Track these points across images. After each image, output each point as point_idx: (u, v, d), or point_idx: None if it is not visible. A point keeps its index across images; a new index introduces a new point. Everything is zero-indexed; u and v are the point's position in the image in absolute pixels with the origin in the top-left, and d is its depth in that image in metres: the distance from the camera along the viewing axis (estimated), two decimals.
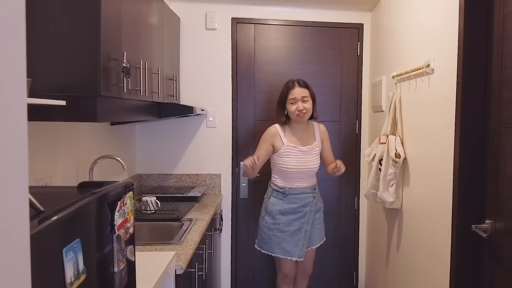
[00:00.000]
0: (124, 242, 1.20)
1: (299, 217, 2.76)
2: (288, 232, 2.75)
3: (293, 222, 2.75)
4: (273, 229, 2.76)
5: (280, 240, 2.75)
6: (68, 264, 0.87)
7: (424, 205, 2.39)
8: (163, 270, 1.65)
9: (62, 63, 1.56)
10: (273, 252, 2.78)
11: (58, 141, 2.06)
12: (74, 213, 0.93)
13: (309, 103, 2.73)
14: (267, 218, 2.79)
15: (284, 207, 2.76)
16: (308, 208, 2.78)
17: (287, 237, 2.75)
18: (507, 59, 1.78)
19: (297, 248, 2.75)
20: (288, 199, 2.76)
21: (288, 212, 2.76)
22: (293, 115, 2.72)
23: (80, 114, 1.59)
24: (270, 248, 2.79)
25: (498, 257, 1.83)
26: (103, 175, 2.57)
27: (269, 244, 2.79)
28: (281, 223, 2.75)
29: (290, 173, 2.75)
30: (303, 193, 2.78)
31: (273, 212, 2.77)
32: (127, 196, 1.20)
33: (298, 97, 2.70)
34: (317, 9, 3.47)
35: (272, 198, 2.80)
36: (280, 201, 2.77)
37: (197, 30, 3.39)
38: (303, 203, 2.77)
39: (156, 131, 3.41)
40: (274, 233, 2.76)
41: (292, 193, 2.76)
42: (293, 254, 2.75)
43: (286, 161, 2.74)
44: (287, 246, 2.74)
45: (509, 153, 1.76)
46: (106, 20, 1.61)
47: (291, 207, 2.76)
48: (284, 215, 2.75)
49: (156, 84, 2.39)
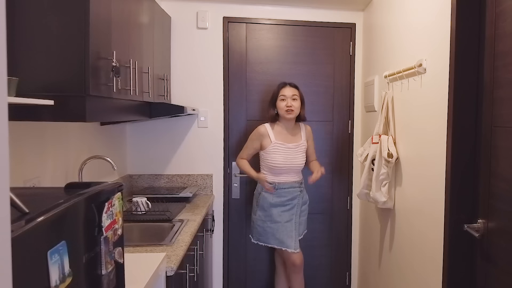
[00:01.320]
0: (112, 244, 1.18)
1: (288, 209, 2.96)
2: (281, 223, 2.93)
3: (283, 213, 2.94)
4: (266, 221, 2.96)
5: (274, 230, 2.93)
6: (53, 267, 0.85)
7: (417, 205, 2.38)
8: (154, 271, 1.63)
9: (50, 62, 1.53)
10: (269, 243, 2.96)
11: (46, 141, 2.03)
12: (60, 214, 0.91)
13: (297, 103, 2.94)
14: (260, 212, 2.99)
15: (274, 200, 2.95)
16: (296, 201, 2.99)
17: (280, 227, 2.92)
18: (499, 58, 1.78)
19: (291, 239, 2.92)
20: (277, 193, 2.96)
21: (278, 204, 2.95)
22: (282, 111, 2.93)
23: (68, 114, 1.57)
24: (266, 239, 2.97)
25: (491, 256, 1.83)
26: (93, 176, 2.54)
27: (264, 236, 2.97)
28: (273, 214, 2.94)
29: (278, 169, 2.95)
30: (291, 187, 2.98)
31: (265, 205, 2.96)
32: (115, 197, 1.18)
33: (288, 95, 2.93)
34: (309, 9, 3.46)
35: (263, 192, 2.99)
36: (270, 195, 2.96)
37: (188, 29, 3.36)
38: (291, 196, 2.97)
39: (147, 131, 3.39)
40: (268, 225, 2.95)
41: (281, 188, 2.96)
42: (289, 245, 2.91)
43: (274, 157, 2.94)
44: (281, 236, 2.91)
45: (501, 153, 1.76)
46: (95, 18, 1.59)
47: (281, 200, 2.95)
48: (275, 207, 2.95)
49: (147, 84, 2.37)
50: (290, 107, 2.90)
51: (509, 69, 1.70)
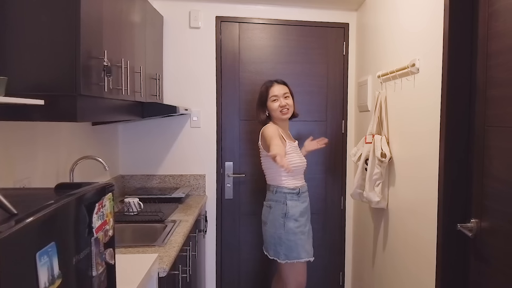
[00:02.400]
0: (103, 245, 1.16)
1: (309, 216, 2.79)
2: (307, 233, 2.73)
3: (307, 222, 2.76)
4: (298, 233, 2.65)
5: (304, 242, 2.67)
6: (42, 268, 0.83)
7: (410, 204, 2.38)
8: (146, 272, 1.62)
9: (40, 61, 1.51)
10: (301, 258, 2.65)
11: (37, 142, 2.00)
12: (49, 215, 0.90)
13: (291, 100, 2.77)
14: (290, 223, 2.63)
15: (302, 207, 2.71)
16: (308, 204, 2.81)
17: (307, 238, 2.72)
18: (492, 58, 1.78)
19: (311, 246, 2.75)
20: (301, 198, 2.72)
21: (304, 212, 2.72)
22: (276, 112, 2.72)
23: (59, 114, 1.55)
24: (298, 255, 2.65)
25: (484, 256, 1.83)
26: (84, 177, 2.52)
27: (296, 251, 2.64)
28: (302, 224, 2.68)
29: (297, 169, 2.69)
30: (306, 190, 2.80)
31: (296, 215, 2.66)
32: (106, 198, 1.16)
33: (279, 94, 2.72)
34: (303, 8, 3.45)
35: (289, 201, 2.66)
36: (297, 202, 2.69)
37: (181, 29, 3.35)
38: (308, 200, 2.80)
39: (139, 131, 3.36)
40: (299, 237, 2.65)
41: (303, 191, 2.75)
42: (311, 254, 2.73)
43: (293, 156, 2.67)
44: (309, 247, 2.72)
45: (494, 152, 1.76)
46: (86, 17, 1.57)
47: (305, 206, 2.75)
48: (303, 216, 2.70)
49: (139, 83, 2.35)
50: (285, 106, 2.71)
51: (502, 68, 1.71)
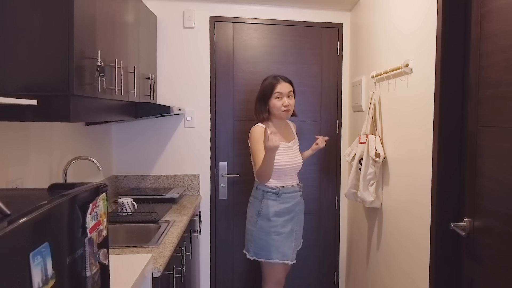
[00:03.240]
0: (97, 245, 1.16)
1: (292, 218, 2.69)
2: (284, 234, 2.65)
3: (287, 223, 2.67)
4: (270, 232, 2.63)
5: (278, 243, 2.63)
6: (36, 269, 0.83)
7: (404, 204, 2.39)
8: (140, 273, 1.61)
9: (33, 61, 1.51)
10: (271, 258, 2.62)
11: (30, 142, 2.00)
12: (43, 216, 0.89)
13: (293, 100, 2.71)
14: (262, 222, 2.65)
15: (279, 208, 2.65)
16: (298, 207, 2.74)
17: (284, 239, 2.64)
18: (484, 58, 1.79)
19: (291, 250, 2.68)
20: (282, 199, 2.66)
21: (283, 212, 2.65)
22: (278, 110, 2.64)
23: (52, 114, 1.54)
24: (268, 254, 2.63)
25: (477, 255, 1.84)
26: (78, 177, 2.51)
27: (266, 250, 2.64)
28: (278, 225, 2.63)
29: (282, 171, 2.65)
30: (293, 191, 2.71)
31: (269, 214, 2.63)
32: (100, 198, 1.16)
33: (284, 92, 2.64)
34: (297, 8, 3.46)
35: (264, 200, 2.66)
36: (274, 201, 2.65)
37: (175, 29, 3.34)
38: (294, 202, 2.70)
39: (132, 131, 3.35)
40: (271, 237, 2.63)
41: (285, 192, 2.67)
42: (289, 257, 2.66)
43: (278, 158, 2.56)
44: (284, 249, 2.64)
45: (486, 152, 1.77)
46: (79, 17, 1.57)
47: (286, 207, 2.66)
48: (280, 217, 2.65)
49: (132, 83, 2.34)
50: (288, 106, 2.64)
51: (494, 69, 1.72)
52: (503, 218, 1.66)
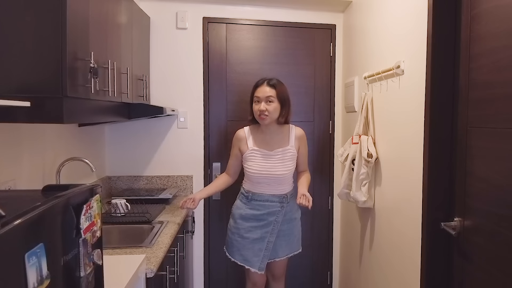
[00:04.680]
0: (91, 246, 1.17)
1: (262, 226, 2.62)
2: (249, 240, 2.61)
3: (254, 229, 2.61)
4: (235, 233, 2.66)
5: (240, 246, 2.63)
6: (31, 269, 0.84)
7: (396, 204, 2.42)
8: (133, 273, 1.62)
9: (26, 62, 1.50)
10: (233, 257, 2.67)
11: (22, 143, 1.99)
12: (37, 217, 0.90)
13: (273, 106, 2.55)
14: (231, 220, 2.72)
15: (246, 212, 2.63)
16: (274, 218, 2.62)
17: (247, 244, 2.61)
18: (474, 60, 1.82)
19: (258, 258, 2.61)
20: (251, 205, 2.64)
21: (250, 218, 2.62)
22: (255, 115, 2.59)
23: (45, 116, 1.54)
24: (231, 252, 2.68)
25: (467, 254, 1.87)
26: (71, 178, 2.50)
27: (230, 248, 2.69)
28: (242, 228, 2.63)
29: (253, 178, 2.62)
30: (267, 200, 2.62)
31: (235, 215, 2.68)
32: (94, 199, 1.17)
33: (262, 97, 2.55)
34: (290, 9, 3.47)
35: (237, 200, 2.74)
36: (244, 205, 2.66)
37: (168, 30, 3.34)
38: (267, 211, 2.61)
39: (125, 132, 3.35)
40: (235, 238, 2.65)
41: (256, 199, 2.63)
42: (253, 264, 2.61)
43: (250, 165, 2.62)
44: (247, 253, 2.61)
45: (476, 152, 1.80)
46: (72, 18, 1.57)
47: (253, 214, 2.62)
48: (246, 221, 2.63)
49: (125, 85, 2.34)
50: (264, 111, 2.53)
51: (483, 71, 1.74)
52: (492, 218, 1.68)
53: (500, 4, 1.64)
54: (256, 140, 2.66)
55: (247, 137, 2.68)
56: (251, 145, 2.64)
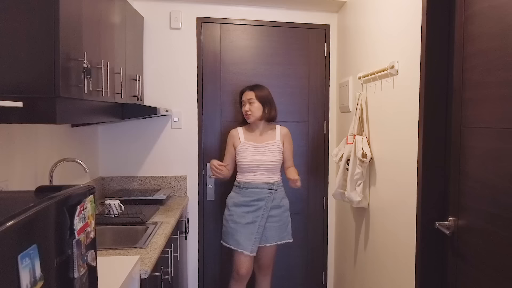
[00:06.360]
0: (85, 247, 1.16)
1: (253, 210, 2.88)
2: (241, 224, 2.87)
3: (246, 214, 2.88)
4: (229, 220, 2.91)
5: (233, 231, 2.87)
6: (24, 271, 0.83)
7: (390, 204, 2.42)
8: (127, 274, 1.61)
9: (18, 62, 1.49)
10: (228, 243, 2.91)
11: (14, 144, 1.97)
12: (31, 218, 0.89)
13: (255, 106, 2.92)
14: (226, 210, 2.98)
15: (238, 200, 2.92)
16: (263, 202, 2.88)
17: (240, 228, 2.86)
18: (468, 60, 1.82)
19: (250, 242, 2.85)
20: (243, 192, 2.92)
21: (241, 204, 2.90)
22: (244, 115, 2.98)
23: (38, 116, 1.53)
24: (226, 239, 2.93)
25: (461, 253, 1.87)
26: (64, 179, 2.49)
27: (226, 235, 2.93)
28: (235, 214, 2.89)
29: (245, 167, 2.92)
30: (257, 187, 2.90)
31: (229, 204, 2.95)
32: (88, 200, 1.16)
33: (245, 99, 2.96)
34: (284, 10, 3.47)
35: (231, 192, 3.01)
36: (237, 194, 2.95)
37: (161, 30, 3.33)
38: (257, 197, 2.89)
39: (119, 133, 3.34)
40: (229, 225, 2.90)
41: (247, 187, 2.91)
42: (245, 247, 2.84)
43: (242, 156, 2.93)
44: (240, 237, 2.85)
45: (470, 152, 1.80)
46: (65, 18, 1.55)
47: (245, 200, 2.90)
48: (238, 207, 2.90)
49: (119, 85, 2.33)
50: (247, 111, 2.93)
51: (476, 71, 1.75)
52: (486, 217, 1.69)
53: (494, 4, 1.65)
54: (247, 136, 3.01)
55: (239, 134, 3.02)
56: (243, 140, 2.99)
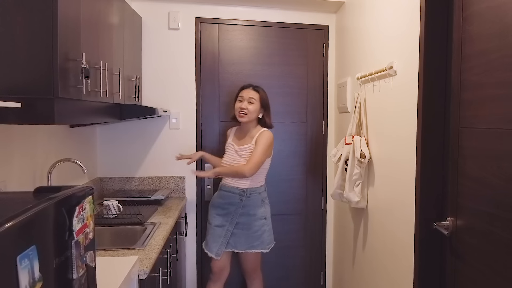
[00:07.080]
0: (84, 248, 1.16)
1: (224, 214, 2.87)
2: (211, 225, 2.91)
3: (217, 216, 2.89)
4: (207, 221, 2.99)
5: (207, 232, 2.95)
6: (23, 272, 0.83)
7: (389, 204, 2.42)
8: (126, 275, 1.61)
9: (16, 63, 1.48)
10: (203, 244, 2.98)
11: (12, 144, 1.97)
12: (29, 219, 0.89)
13: (254, 106, 2.83)
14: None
15: (214, 201, 2.96)
16: (233, 208, 2.85)
17: (210, 229, 2.91)
18: (466, 61, 1.83)
19: (216, 244, 2.85)
20: (219, 194, 2.95)
21: (216, 206, 2.92)
22: (236, 112, 2.88)
23: (36, 117, 1.52)
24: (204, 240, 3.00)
25: (459, 253, 1.88)
26: (62, 180, 2.48)
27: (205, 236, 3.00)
28: (210, 215, 2.96)
29: None
30: (230, 191, 2.87)
31: (210, 205, 3.00)
32: (86, 201, 1.15)
33: (245, 96, 2.85)
34: (282, 10, 3.47)
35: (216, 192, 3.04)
36: (216, 194, 2.98)
37: (160, 30, 3.33)
38: (229, 200, 2.86)
39: (117, 133, 3.33)
40: (206, 225, 2.99)
41: (222, 189, 2.92)
42: (211, 249, 2.87)
43: (224, 156, 2.98)
44: (209, 238, 2.90)
45: (468, 152, 1.81)
46: (63, 18, 1.55)
47: (219, 202, 2.91)
48: (213, 209, 2.94)
49: (117, 85, 2.33)
50: (244, 109, 2.81)
51: (474, 71, 1.76)
52: (484, 217, 1.69)
53: (492, 5, 1.65)
54: (235, 136, 3.00)
55: (231, 133, 3.06)
56: (229, 140, 3.01)
